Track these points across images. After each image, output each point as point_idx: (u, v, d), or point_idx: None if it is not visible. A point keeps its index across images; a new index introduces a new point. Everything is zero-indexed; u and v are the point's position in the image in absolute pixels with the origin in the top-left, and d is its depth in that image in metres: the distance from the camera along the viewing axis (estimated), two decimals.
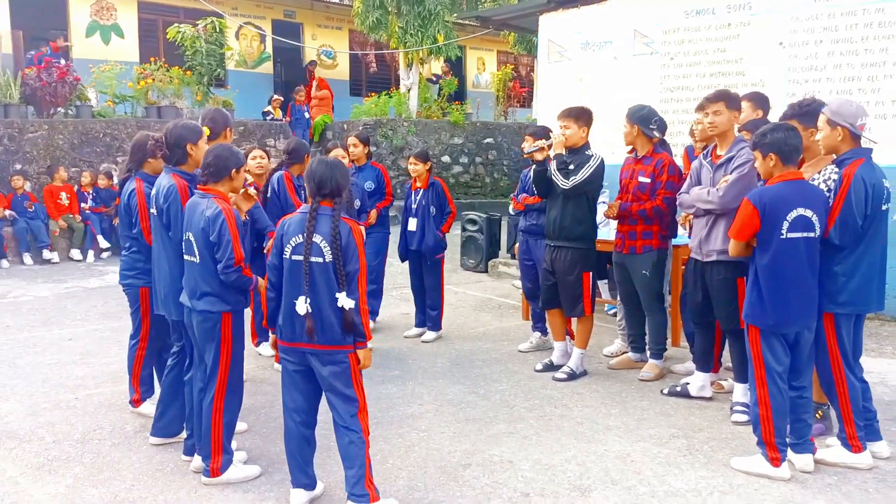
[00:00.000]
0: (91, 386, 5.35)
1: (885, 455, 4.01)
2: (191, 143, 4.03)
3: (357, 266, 3.38)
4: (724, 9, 7.96)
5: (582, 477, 3.84)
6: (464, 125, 15.95)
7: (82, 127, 12.28)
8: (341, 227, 3.35)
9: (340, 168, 3.47)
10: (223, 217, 3.64)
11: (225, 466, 3.80)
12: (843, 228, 3.73)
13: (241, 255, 3.67)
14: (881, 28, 6.94)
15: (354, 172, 6.68)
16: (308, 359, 3.42)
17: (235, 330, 3.80)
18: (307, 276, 3.32)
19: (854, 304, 3.84)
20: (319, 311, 3.34)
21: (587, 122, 5.38)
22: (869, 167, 3.79)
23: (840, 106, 3.83)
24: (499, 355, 6.13)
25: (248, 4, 18.40)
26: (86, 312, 7.68)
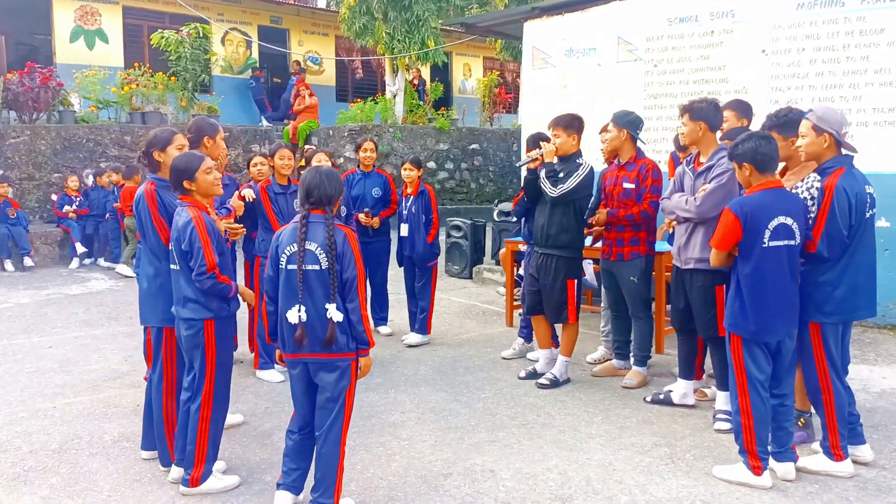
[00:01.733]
0: (70, 395, 5.29)
1: (868, 459, 4.02)
2: (157, 150, 4.04)
3: (355, 273, 3.40)
4: (707, 16, 7.99)
5: (563, 486, 3.82)
6: (449, 131, 15.94)
7: (65, 132, 12.19)
8: (336, 235, 3.37)
9: (333, 177, 3.47)
10: (192, 224, 3.66)
11: (205, 477, 3.76)
12: (830, 241, 3.73)
13: (213, 261, 3.67)
14: (862, 36, 6.99)
15: (361, 178, 6.77)
16: (308, 370, 3.45)
17: (220, 338, 3.78)
18: (301, 285, 3.34)
19: (840, 312, 3.83)
20: (320, 318, 3.36)
21: (577, 130, 5.39)
22: (850, 176, 3.79)
23: (825, 112, 3.84)
24: (482, 362, 6.11)
25: (234, 10, 18.33)
26: (66, 320, 7.61)
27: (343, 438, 3.48)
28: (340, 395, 3.44)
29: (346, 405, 3.47)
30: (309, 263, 3.36)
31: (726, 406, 4.52)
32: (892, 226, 6.79)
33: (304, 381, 3.49)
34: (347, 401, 3.47)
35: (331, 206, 3.43)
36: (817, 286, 3.82)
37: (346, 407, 3.47)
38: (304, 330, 3.35)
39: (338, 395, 3.43)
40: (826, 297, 3.80)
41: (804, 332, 3.88)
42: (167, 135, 4.11)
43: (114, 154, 12.60)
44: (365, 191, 6.73)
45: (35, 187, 11.89)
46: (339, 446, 3.46)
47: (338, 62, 20.10)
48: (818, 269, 3.82)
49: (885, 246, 6.77)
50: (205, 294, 3.71)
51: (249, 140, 14.34)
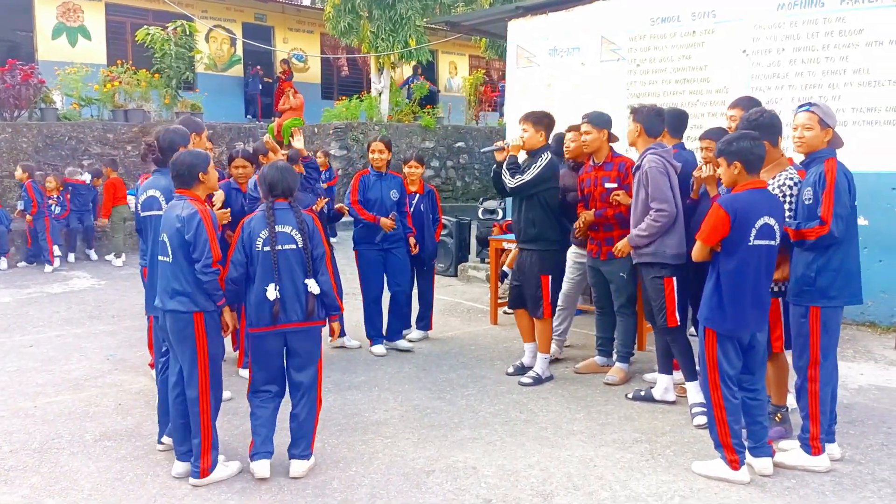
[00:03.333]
0: (51, 394, 5.27)
1: (835, 457, 4.06)
2: (182, 146, 4.24)
3: (323, 249, 3.93)
4: (689, 16, 8.04)
5: (544, 482, 3.85)
6: (435, 129, 15.96)
7: (47, 130, 12.11)
8: (305, 217, 3.90)
9: (288, 170, 3.98)
10: (199, 217, 3.76)
11: (214, 465, 3.86)
12: (839, 221, 3.76)
13: (219, 254, 3.79)
14: (841, 37, 7.06)
15: (375, 180, 6.32)
16: (285, 338, 3.87)
17: (210, 329, 3.83)
18: (276, 265, 3.77)
19: (842, 296, 3.89)
20: (297, 292, 3.83)
21: (546, 128, 5.45)
22: (841, 163, 3.89)
23: (828, 109, 3.98)
24: (466, 360, 6.13)
25: (219, 7, 18.27)
26: (48, 318, 7.57)
27: (319, 400, 3.99)
28: (315, 357, 3.96)
29: (320, 366, 3.99)
30: (284, 244, 3.82)
31: (700, 398, 4.59)
32: (871, 224, 6.86)
33: (278, 350, 3.90)
34: (320, 364, 3.99)
35: (292, 194, 3.94)
36: (822, 270, 3.84)
37: (319, 369, 3.99)
38: (279, 305, 3.77)
39: (314, 359, 3.95)
40: (830, 281, 3.84)
41: (803, 319, 3.90)
42: (186, 133, 4.42)
43: (96, 152, 12.53)
44: (382, 194, 6.26)
45: (16, 185, 11.79)
46: (316, 407, 3.97)
47: (323, 60, 20.06)
48: (822, 255, 3.84)
49: (864, 244, 6.79)
50: (197, 287, 3.77)
51: (233, 137, 14.29)
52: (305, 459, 3.92)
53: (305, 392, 3.92)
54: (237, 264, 3.84)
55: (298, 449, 3.91)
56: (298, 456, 3.91)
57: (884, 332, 6.83)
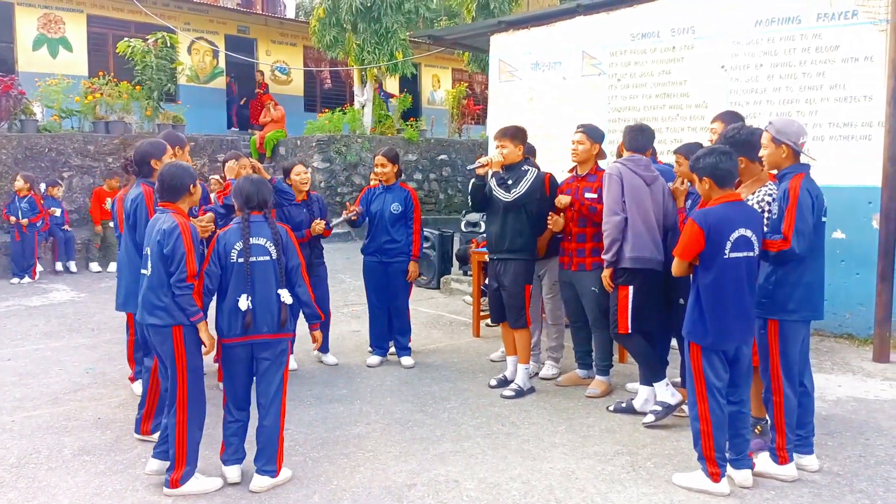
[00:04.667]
0: (29, 408, 5.21)
1: (813, 469, 4.11)
2: (154, 159, 4.55)
3: (298, 261, 4.01)
4: (669, 32, 8.14)
5: (526, 495, 3.86)
6: (418, 142, 16.00)
7: (27, 141, 12.02)
8: (279, 230, 3.98)
9: (263, 183, 4.06)
10: (178, 231, 3.81)
11: (185, 478, 3.85)
12: (800, 237, 3.82)
13: (194, 270, 3.82)
14: (818, 53, 7.18)
15: (381, 192, 6.29)
16: (252, 350, 3.91)
17: (189, 343, 3.85)
18: (249, 276, 3.84)
19: (801, 311, 3.93)
20: (269, 303, 3.88)
21: (522, 141, 5.54)
22: (809, 180, 3.93)
23: (784, 125, 4.00)
24: (448, 373, 6.13)
25: (201, 19, 18.24)
26: (26, 332, 7.49)
27: (283, 410, 3.99)
28: (280, 369, 3.97)
29: (285, 379, 4.00)
30: (258, 255, 3.88)
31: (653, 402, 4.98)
32: (848, 237, 6.96)
33: (246, 361, 3.95)
34: (286, 375, 4.01)
35: (267, 208, 4.00)
36: (780, 285, 3.92)
37: (284, 380, 4.00)
38: (251, 315, 3.82)
39: (280, 370, 3.96)
40: (788, 295, 3.91)
41: (763, 331, 3.97)
42: (163, 145, 4.65)
43: (77, 164, 12.45)
44: (384, 206, 6.21)
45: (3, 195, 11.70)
46: (280, 417, 3.96)
47: (306, 72, 20.07)
48: (783, 269, 3.91)
49: (841, 257, 6.95)
50: (173, 301, 3.80)
51: (215, 150, 14.25)
52: (268, 476, 3.90)
53: (271, 404, 3.94)
54: (211, 276, 3.89)
55: (261, 462, 3.92)
56: (260, 471, 3.91)
57: (861, 343, 6.90)
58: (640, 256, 4.95)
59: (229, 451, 3.99)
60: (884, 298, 6.40)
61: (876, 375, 6.02)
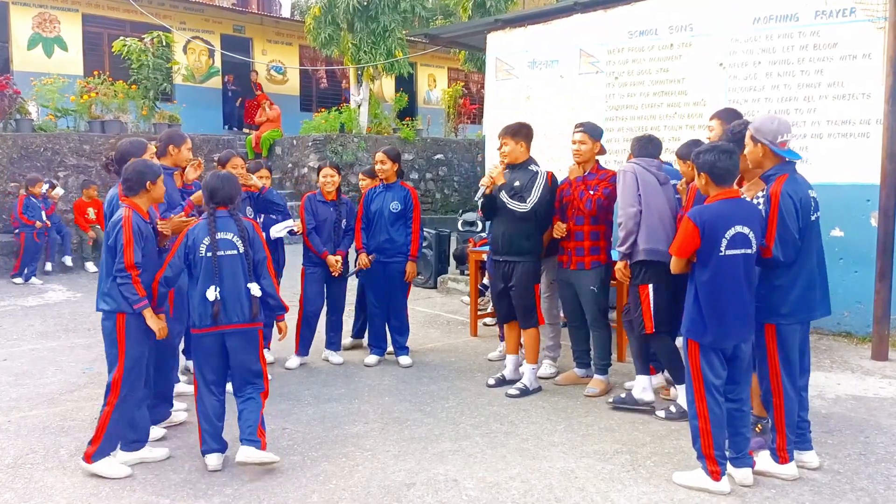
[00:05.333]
0: (25, 408, 5.18)
1: (814, 465, 4.10)
2: (133, 158, 4.40)
3: (264, 254, 4.19)
4: (667, 30, 8.13)
5: (526, 494, 3.84)
6: (414, 141, 15.97)
7: (22, 141, 11.96)
8: (245, 224, 4.15)
9: (231, 180, 4.22)
10: (121, 224, 4.02)
11: (97, 456, 4.04)
12: (784, 245, 3.80)
13: (131, 261, 3.99)
14: (816, 50, 7.16)
15: (382, 191, 6.28)
16: (224, 339, 4.09)
17: (130, 332, 4.04)
18: (216, 269, 4.03)
19: (796, 313, 3.91)
20: (238, 295, 4.07)
21: (525, 137, 5.47)
22: (793, 182, 3.87)
23: (761, 123, 3.94)
24: (446, 372, 6.11)
25: (197, 19, 18.19)
26: (22, 332, 7.45)
27: (266, 390, 4.21)
28: (255, 351, 4.16)
29: (262, 362, 4.21)
30: (226, 249, 4.06)
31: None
32: (846, 235, 6.95)
33: (218, 350, 4.12)
34: (262, 358, 4.21)
35: (233, 203, 4.16)
36: (772, 289, 3.90)
37: (263, 364, 4.21)
38: (220, 306, 4.01)
39: (255, 357, 4.16)
40: (781, 299, 3.88)
41: (760, 335, 3.96)
42: (143, 144, 4.64)
43: (72, 163, 12.40)
44: (383, 205, 6.18)
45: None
46: (262, 399, 4.16)
47: (302, 72, 20.03)
48: (773, 273, 3.90)
49: (839, 255, 6.93)
50: (114, 288, 4.04)
51: (211, 149, 14.20)
52: (254, 447, 4.05)
53: (248, 389, 4.15)
54: (174, 267, 4.10)
55: (245, 433, 4.09)
56: (246, 441, 4.06)
57: (860, 342, 6.90)
58: (655, 248, 4.91)
59: (206, 440, 4.12)
60: (882, 296, 6.39)
61: (875, 373, 6.02)
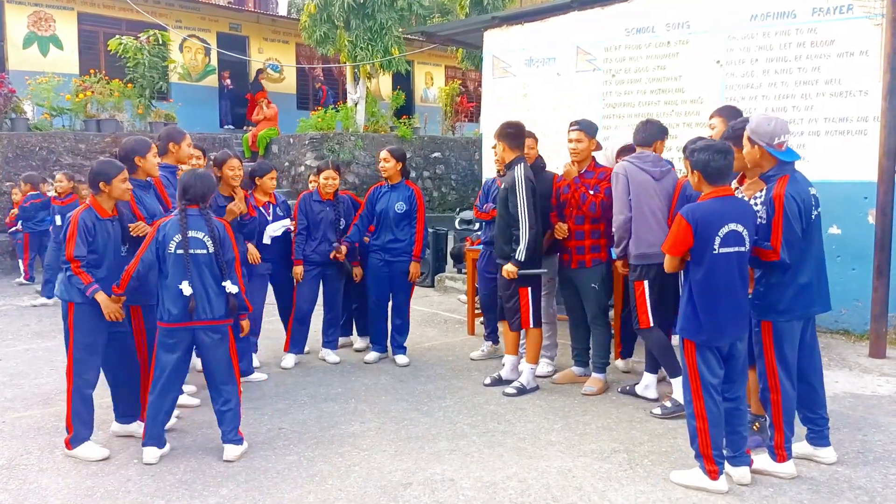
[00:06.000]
0: (20, 409, 5.16)
1: (830, 461, 4.11)
2: (139, 156, 4.64)
3: (233, 255, 4.28)
4: (664, 27, 8.11)
5: (523, 494, 3.82)
6: (411, 139, 15.93)
7: (17, 140, 11.93)
8: (216, 224, 4.22)
9: (205, 178, 4.29)
10: (69, 220, 4.25)
11: (75, 442, 4.29)
12: (790, 247, 3.79)
13: (71, 253, 4.17)
14: (813, 48, 7.15)
15: (387, 191, 6.28)
16: (193, 335, 4.19)
17: (78, 319, 4.22)
18: (188, 265, 4.11)
19: (794, 310, 3.90)
20: (206, 293, 4.15)
21: (506, 138, 5.45)
22: (794, 182, 3.85)
23: (758, 124, 3.91)
24: (444, 371, 6.10)
25: (193, 17, 18.15)
26: (17, 332, 7.43)
27: (239, 388, 4.32)
28: (224, 346, 4.24)
29: (234, 358, 4.31)
30: (196, 248, 4.14)
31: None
32: (843, 232, 6.94)
33: (182, 346, 4.21)
34: (233, 354, 4.30)
35: (204, 201, 4.23)
36: (770, 287, 3.89)
37: (234, 360, 4.30)
38: (194, 302, 4.09)
39: (222, 347, 4.23)
40: (778, 296, 3.87)
41: (758, 332, 3.95)
42: (147, 143, 4.73)
43: (68, 162, 12.36)
44: (388, 205, 6.19)
45: None
46: (238, 394, 4.29)
47: (298, 70, 19.99)
48: (771, 271, 3.89)
49: (837, 252, 6.92)
50: (67, 279, 4.22)
51: (208, 148, 14.10)
52: (237, 444, 4.24)
53: (222, 386, 4.25)
54: (145, 262, 4.18)
55: (228, 435, 4.24)
56: (228, 440, 4.24)
57: (857, 339, 6.89)
58: (644, 253, 5.00)
59: (149, 434, 4.21)
60: (880, 294, 6.38)
61: (873, 371, 6.01)
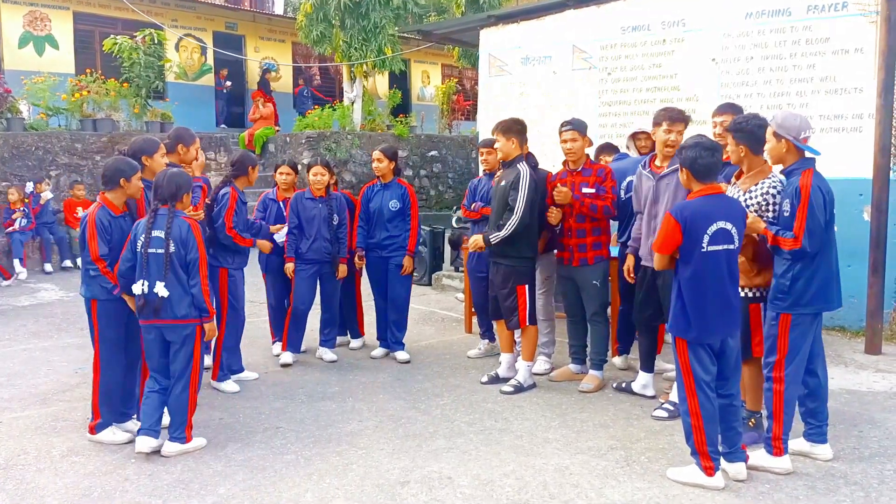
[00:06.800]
0: (17, 409, 5.15)
1: (826, 458, 4.13)
2: (146, 156, 4.68)
3: (197, 255, 4.26)
4: (659, 25, 8.12)
5: (520, 491, 3.83)
6: (408, 138, 15.93)
7: (13, 140, 11.90)
8: (178, 223, 4.23)
9: (174, 178, 4.29)
10: (87, 219, 4.34)
11: (99, 428, 4.46)
12: (811, 236, 3.81)
13: (96, 253, 4.30)
14: (808, 45, 7.17)
15: (380, 189, 6.32)
16: (161, 332, 4.26)
17: (102, 314, 4.37)
18: (146, 264, 4.20)
19: (815, 303, 3.93)
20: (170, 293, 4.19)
21: (517, 134, 5.44)
22: (819, 176, 3.91)
23: (784, 119, 3.97)
24: (441, 369, 6.10)
25: (189, 16, 18.11)
26: (14, 332, 7.42)
27: (191, 387, 4.32)
28: (186, 348, 4.27)
29: (194, 359, 4.30)
30: (157, 247, 4.19)
31: None
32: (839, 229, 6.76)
33: (159, 343, 4.29)
34: (195, 356, 4.30)
35: (173, 201, 4.25)
36: (796, 279, 3.90)
37: (193, 361, 4.30)
38: (145, 300, 4.19)
39: (183, 349, 4.26)
40: (803, 290, 3.89)
41: (774, 324, 3.96)
42: (156, 143, 4.77)
43: (64, 162, 12.34)
44: (382, 204, 6.24)
45: None
46: (188, 392, 4.30)
47: (295, 68, 19.97)
48: (796, 265, 3.90)
49: None
50: (89, 277, 4.34)
51: (204, 147, 14.10)
52: (178, 442, 4.28)
53: (178, 379, 4.30)
54: (125, 260, 4.29)
55: (173, 430, 4.30)
56: (172, 438, 4.29)
57: (853, 336, 6.91)
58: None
59: (144, 424, 4.25)
60: (875, 290, 6.40)
61: (868, 367, 6.03)
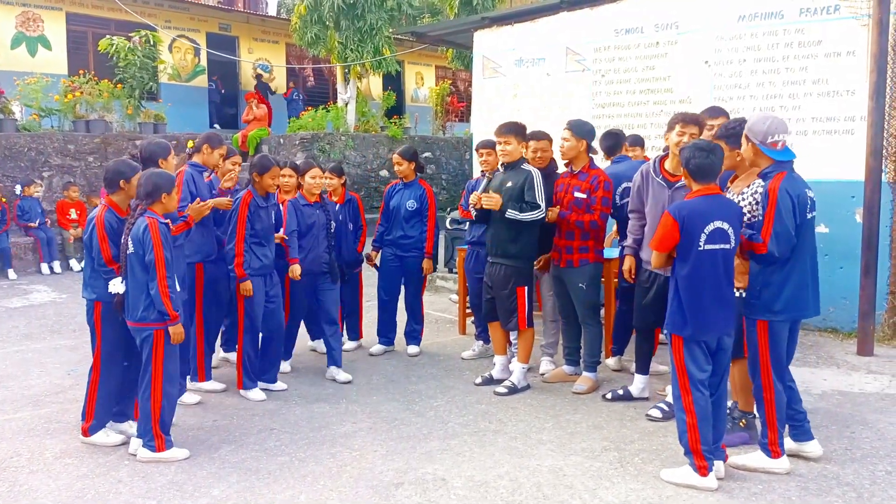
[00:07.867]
0: (9, 411, 5.13)
1: (817, 454, 4.16)
2: (161, 159, 4.69)
3: (153, 256, 4.15)
4: (652, 28, 8.15)
5: (514, 493, 3.84)
6: (402, 139, 15.94)
7: (5, 141, 11.87)
8: (138, 223, 4.18)
9: (157, 177, 4.27)
10: (94, 223, 4.32)
11: (93, 430, 4.46)
12: (779, 240, 3.83)
13: (108, 256, 4.29)
14: (801, 48, 7.20)
15: (401, 189, 6.46)
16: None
17: (105, 318, 4.36)
18: (124, 265, 4.21)
19: (789, 311, 3.95)
20: (134, 294, 4.21)
21: (524, 137, 5.51)
22: (790, 180, 3.91)
23: (754, 123, 3.99)
24: (435, 371, 6.11)
25: (182, 17, 18.10)
26: (6, 333, 7.39)
27: (153, 393, 4.23)
28: (147, 355, 4.24)
29: (153, 364, 4.23)
30: (131, 247, 4.19)
31: None
32: (831, 231, 6.99)
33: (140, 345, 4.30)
34: (154, 361, 4.23)
35: (148, 200, 4.22)
36: (766, 286, 3.93)
37: (152, 366, 4.23)
38: (119, 299, 4.23)
39: (146, 356, 4.24)
40: (775, 296, 3.92)
41: (752, 330, 3.99)
42: (167, 147, 4.80)
43: (57, 163, 12.31)
44: (401, 202, 6.40)
45: None
46: (150, 396, 4.23)
47: (289, 70, 19.96)
48: (768, 270, 3.93)
49: (825, 251, 6.94)
50: (95, 279, 4.34)
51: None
52: (148, 450, 4.24)
53: (139, 384, 4.31)
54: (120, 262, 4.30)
55: (144, 438, 4.28)
56: (145, 445, 4.27)
57: (845, 337, 6.94)
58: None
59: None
60: (867, 292, 6.43)
61: (860, 369, 6.05)
